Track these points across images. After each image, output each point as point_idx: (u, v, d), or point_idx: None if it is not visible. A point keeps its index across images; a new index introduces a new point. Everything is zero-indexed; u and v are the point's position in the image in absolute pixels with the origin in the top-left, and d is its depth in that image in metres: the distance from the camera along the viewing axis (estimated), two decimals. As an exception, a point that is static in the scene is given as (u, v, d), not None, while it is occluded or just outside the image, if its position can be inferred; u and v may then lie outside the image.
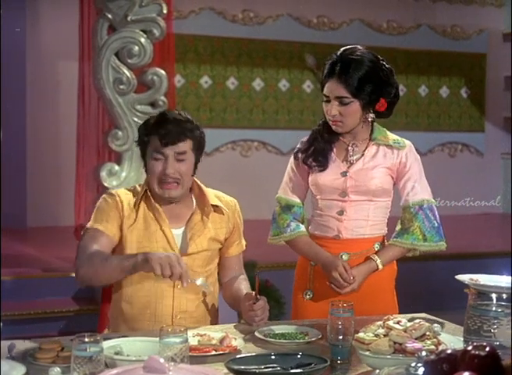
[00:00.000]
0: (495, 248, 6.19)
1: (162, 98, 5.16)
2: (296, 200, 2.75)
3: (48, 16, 7.30)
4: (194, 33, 7.85)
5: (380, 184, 2.62)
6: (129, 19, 5.05)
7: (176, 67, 6.53)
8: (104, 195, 2.56)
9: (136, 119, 5.04)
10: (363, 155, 2.66)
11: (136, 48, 5.04)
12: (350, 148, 2.68)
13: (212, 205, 2.56)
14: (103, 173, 5.13)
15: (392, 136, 2.70)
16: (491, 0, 9.17)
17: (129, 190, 2.58)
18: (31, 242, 6.72)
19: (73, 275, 2.58)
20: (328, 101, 2.61)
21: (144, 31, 5.08)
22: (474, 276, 2.02)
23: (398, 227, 2.67)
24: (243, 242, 2.70)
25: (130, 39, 5.03)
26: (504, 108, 9.09)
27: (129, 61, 5.07)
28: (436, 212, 2.66)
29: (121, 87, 5.05)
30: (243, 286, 2.57)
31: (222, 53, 8.06)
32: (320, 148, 2.67)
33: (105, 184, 5.10)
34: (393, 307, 2.69)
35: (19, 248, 6.30)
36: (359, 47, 2.64)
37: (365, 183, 2.62)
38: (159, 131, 2.43)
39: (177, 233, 2.52)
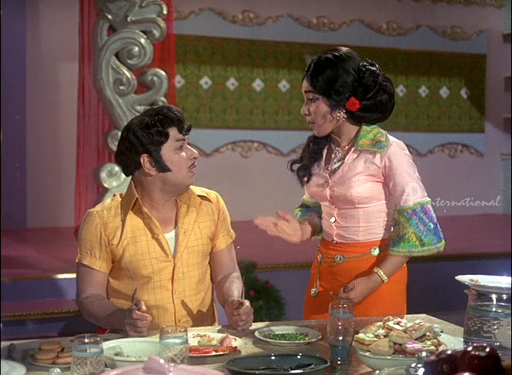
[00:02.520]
0: (495, 249, 6.18)
1: (162, 98, 5.17)
2: (312, 200, 2.83)
3: (48, 16, 7.30)
4: (194, 34, 7.86)
5: (360, 193, 2.57)
6: (129, 19, 5.05)
7: (175, 68, 6.53)
8: (84, 218, 2.54)
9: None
10: (343, 162, 2.62)
11: (137, 48, 5.04)
12: (333, 155, 2.67)
13: (198, 196, 2.58)
14: (103, 174, 5.13)
15: (379, 137, 2.60)
16: (491, 1, 9.17)
17: (109, 204, 2.55)
18: (31, 243, 6.71)
19: (72, 276, 2.60)
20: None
21: (144, 32, 5.09)
22: (475, 277, 2.02)
23: (394, 233, 2.59)
24: (232, 233, 2.69)
25: (130, 40, 5.03)
26: (504, 108, 9.09)
27: (129, 62, 5.07)
28: (432, 212, 2.57)
29: (121, 87, 5.06)
30: (235, 286, 2.56)
31: (222, 54, 8.06)
32: (308, 159, 2.70)
33: (105, 185, 5.10)
34: (402, 310, 2.68)
35: (20, 248, 6.30)
36: (342, 48, 2.64)
37: (344, 192, 2.59)
38: (178, 122, 2.48)
39: (169, 236, 2.53)
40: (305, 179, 2.71)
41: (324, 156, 2.70)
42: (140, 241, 2.49)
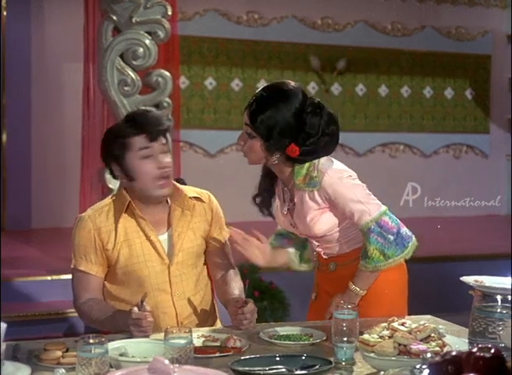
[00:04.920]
0: (500, 250, 6.17)
1: (167, 99, 5.17)
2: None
3: (53, 17, 7.31)
4: (199, 35, 7.86)
5: (321, 228, 2.54)
6: (133, 20, 5.05)
7: (180, 69, 6.54)
8: (76, 223, 2.53)
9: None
10: (294, 203, 2.58)
11: (141, 49, 5.05)
12: (285, 196, 2.63)
13: (190, 198, 2.56)
14: (107, 175, 5.12)
15: (311, 172, 2.49)
16: (495, 1, 9.15)
17: (101, 207, 2.54)
18: (36, 243, 6.72)
19: (71, 276, 2.61)
20: None
21: (149, 33, 5.09)
22: (479, 278, 2.01)
23: (362, 248, 2.54)
24: (225, 232, 2.64)
25: (135, 41, 5.04)
26: (509, 109, 9.07)
27: (133, 62, 5.07)
28: (389, 223, 2.48)
29: (126, 88, 5.06)
30: (235, 284, 2.55)
31: (227, 55, 8.06)
32: (265, 195, 2.67)
33: (110, 186, 5.10)
34: (402, 310, 2.68)
35: (24, 249, 6.31)
36: (289, 85, 2.50)
37: (307, 232, 2.58)
38: (145, 129, 2.42)
39: (162, 238, 2.52)
40: (267, 215, 2.69)
41: (278, 194, 2.67)
42: (134, 244, 2.48)
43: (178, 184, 2.59)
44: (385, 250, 2.48)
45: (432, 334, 1.96)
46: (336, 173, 2.51)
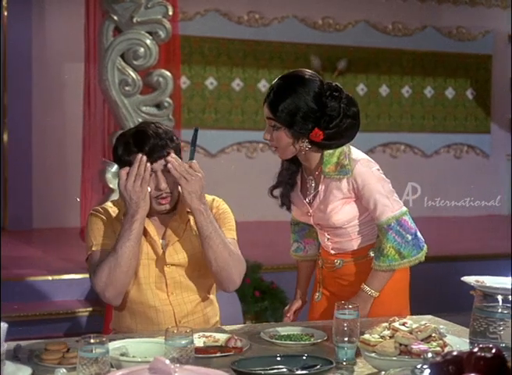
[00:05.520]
0: (501, 250, 6.17)
1: (168, 99, 5.17)
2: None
3: (54, 17, 7.32)
4: (200, 35, 7.86)
5: (340, 219, 2.57)
6: (134, 20, 5.05)
7: (181, 69, 6.54)
8: (90, 216, 2.52)
9: (141, 121, 5.05)
10: (318, 191, 2.60)
11: (142, 49, 5.04)
12: (308, 185, 2.65)
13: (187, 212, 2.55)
14: (108, 175, 5.13)
15: (342, 160, 2.54)
16: (496, 1, 9.16)
17: (113, 203, 2.56)
18: (37, 243, 6.73)
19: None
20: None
21: (150, 33, 5.09)
22: (480, 278, 2.01)
23: (376, 247, 2.56)
24: (230, 235, 2.58)
25: (136, 41, 5.04)
26: (510, 109, 9.07)
27: (134, 62, 5.07)
28: (409, 223, 2.52)
29: (126, 88, 5.06)
30: None
31: (228, 55, 8.06)
32: (285, 186, 2.69)
33: (111, 186, 5.10)
34: (405, 309, 2.68)
35: (25, 249, 6.32)
36: (304, 72, 2.55)
37: (326, 221, 2.60)
38: (144, 149, 2.38)
39: (163, 243, 2.51)
40: (285, 207, 2.71)
41: (299, 184, 2.69)
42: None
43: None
44: (401, 249, 2.50)
45: (433, 334, 1.96)
46: (368, 162, 2.56)
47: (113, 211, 2.52)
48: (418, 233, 2.55)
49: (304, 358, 1.97)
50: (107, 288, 2.36)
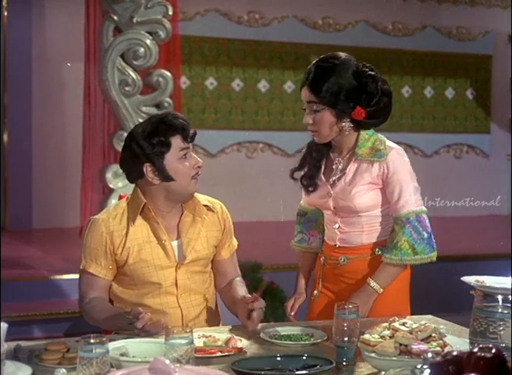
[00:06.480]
0: (500, 250, 6.17)
1: (168, 99, 5.17)
2: (309, 207, 2.80)
3: (54, 17, 7.32)
4: (200, 35, 7.87)
5: (363, 203, 2.57)
6: (134, 20, 5.06)
7: (181, 69, 6.54)
8: (89, 225, 2.52)
9: (141, 121, 5.05)
10: (345, 173, 2.61)
11: (142, 49, 5.05)
12: (334, 165, 2.66)
13: (203, 206, 2.57)
14: (108, 175, 5.14)
15: (378, 145, 2.58)
16: (496, 1, 9.16)
17: (116, 210, 2.53)
18: (37, 243, 6.73)
19: (78, 276, 2.60)
20: (305, 110, 2.61)
21: (150, 33, 5.10)
22: (480, 278, 2.01)
23: (389, 240, 2.58)
24: (235, 242, 2.68)
25: (136, 41, 5.04)
26: (510, 109, 9.07)
27: (134, 62, 5.08)
28: (426, 222, 2.56)
29: (126, 88, 5.06)
30: (242, 289, 2.58)
31: (228, 55, 8.06)
32: (310, 168, 2.69)
33: (111, 186, 5.11)
34: (405, 308, 2.68)
35: (25, 249, 6.31)
36: (339, 54, 2.60)
37: (347, 203, 2.59)
38: (182, 130, 2.43)
39: (174, 244, 2.52)
40: (310, 188, 2.69)
41: (323, 166, 2.69)
42: (144, 248, 2.47)
43: None
44: (415, 245, 2.53)
45: (433, 334, 1.96)
46: (401, 153, 2.60)
47: (114, 223, 2.49)
48: (432, 236, 2.58)
49: (304, 358, 1.97)
50: (90, 322, 2.51)
